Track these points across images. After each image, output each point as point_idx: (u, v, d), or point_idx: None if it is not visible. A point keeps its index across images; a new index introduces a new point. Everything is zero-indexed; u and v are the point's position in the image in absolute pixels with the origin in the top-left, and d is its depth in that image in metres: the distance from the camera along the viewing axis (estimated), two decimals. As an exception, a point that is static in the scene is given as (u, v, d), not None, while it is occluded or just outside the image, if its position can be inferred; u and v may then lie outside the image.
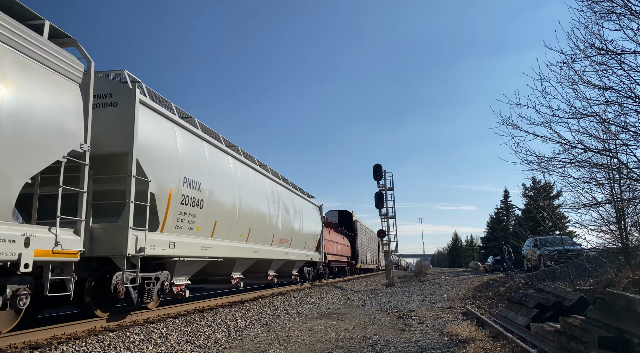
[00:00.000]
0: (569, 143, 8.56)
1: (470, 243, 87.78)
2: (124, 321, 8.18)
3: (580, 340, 5.51)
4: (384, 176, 26.52)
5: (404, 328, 8.83)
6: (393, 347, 6.83)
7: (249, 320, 9.75)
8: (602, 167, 8.90)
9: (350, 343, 7.25)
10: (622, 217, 9.51)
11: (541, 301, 8.26)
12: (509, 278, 16.86)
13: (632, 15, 7.31)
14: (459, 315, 10.64)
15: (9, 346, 5.90)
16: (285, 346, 7.11)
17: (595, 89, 8.08)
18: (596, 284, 9.56)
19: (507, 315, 9.18)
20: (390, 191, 27.01)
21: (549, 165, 9.02)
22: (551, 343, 6.26)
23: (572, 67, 8.13)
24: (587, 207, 9.60)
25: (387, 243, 27.01)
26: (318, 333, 8.33)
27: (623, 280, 8.26)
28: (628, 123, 8.20)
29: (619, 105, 7.97)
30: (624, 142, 8.29)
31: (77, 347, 6.02)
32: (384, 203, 26.42)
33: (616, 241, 9.88)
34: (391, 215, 26.94)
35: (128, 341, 6.70)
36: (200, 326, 8.44)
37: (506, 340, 6.70)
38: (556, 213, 18.72)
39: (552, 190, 32.54)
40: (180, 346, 6.92)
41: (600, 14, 7.66)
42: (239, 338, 7.85)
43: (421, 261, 58.13)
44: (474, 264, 53.25)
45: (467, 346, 6.52)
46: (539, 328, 7.08)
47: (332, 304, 14.30)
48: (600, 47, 7.70)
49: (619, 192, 9.25)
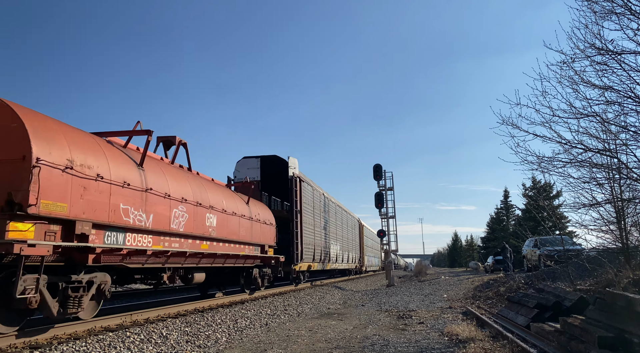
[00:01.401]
0: (569, 143, 8.56)
1: (470, 243, 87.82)
2: (124, 321, 8.19)
3: (580, 340, 5.51)
4: (384, 176, 26.53)
5: (404, 328, 8.83)
6: (393, 347, 6.84)
7: (249, 320, 9.76)
8: (602, 167, 8.90)
9: (350, 343, 7.25)
10: (622, 217, 9.51)
11: (541, 301, 8.26)
12: (509, 278, 16.85)
13: (632, 15, 7.31)
14: (459, 315, 10.64)
15: (9, 346, 5.90)
16: (285, 346, 7.11)
17: (595, 88, 8.08)
18: (596, 284, 9.55)
19: (507, 315, 9.18)
20: (390, 191, 27.04)
21: (549, 165, 9.02)
22: (551, 343, 6.26)
23: (572, 67, 8.13)
24: (587, 207, 9.60)
25: (387, 243, 27.04)
26: (318, 333, 8.33)
27: (623, 280, 8.26)
28: (628, 123, 8.20)
29: (619, 105, 7.97)
30: (624, 142, 8.29)
31: (77, 347, 6.02)
32: (384, 203, 26.43)
33: (616, 241, 9.87)
34: (391, 215, 26.95)
35: (128, 341, 6.70)
36: (200, 326, 8.45)
37: (506, 340, 6.70)
38: (556, 213, 18.67)
39: (552, 190, 32.57)
40: (180, 346, 6.92)
41: (600, 14, 7.66)
42: (239, 338, 7.85)
43: (421, 261, 58.12)
44: (474, 264, 53.27)
45: (467, 346, 6.52)
46: (539, 328, 7.08)
47: (332, 304, 14.30)
48: (600, 47, 7.70)
49: (619, 192, 9.25)
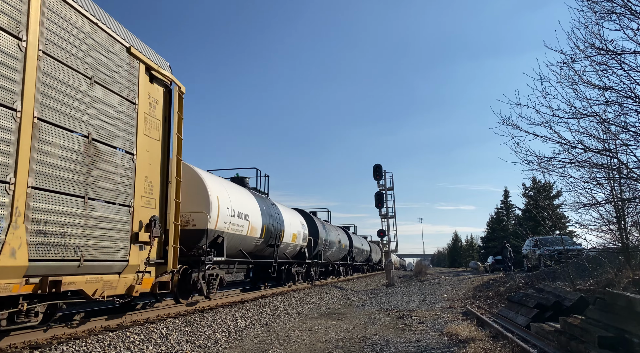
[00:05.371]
0: (569, 143, 8.56)
1: (470, 243, 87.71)
2: (124, 321, 8.18)
3: (580, 340, 5.51)
4: (384, 176, 26.55)
5: (404, 328, 8.84)
6: (393, 347, 6.84)
7: (249, 320, 9.75)
8: (602, 167, 8.90)
9: (350, 343, 7.25)
10: (622, 217, 9.51)
11: (541, 301, 8.26)
12: (509, 278, 16.85)
13: (632, 15, 7.31)
14: (459, 315, 10.64)
15: (9, 346, 5.90)
16: (285, 346, 7.11)
17: (595, 88, 8.08)
18: (596, 284, 9.56)
19: (507, 315, 9.18)
20: (390, 191, 27.05)
21: (549, 165, 9.01)
22: (551, 343, 6.26)
23: (572, 67, 8.13)
24: (587, 207, 9.59)
25: (387, 243, 27.05)
26: (318, 333, 8.33)
27: (623, 280, 8.27)
28: (628, 123, 8.19)
29: (619, 105, 7.97)
30: (624, 142, 8.28)
31: (77, 347, 6.02)
32: (384, 203, 26.43)
33: (616, 241, 9.87)
34: (391, 215, 26.96)
35: (128, 341, 6.69)
36: (200, 326, 8.44)
37: (506, 340, 6.70)
38: (556, 213, 18.69)
39: (552, 190, 32.61)
40: (180, 346, 6.92)
41: (600, 14, 7.66)
42: (239, 338, 7.85)
43: (421, 261, 58.06)
44: (474, 264, 53.22)
45: (467, 346, 6.53)
46: (539, 328, 7.08)
47: (332, 304, 14.30)
48: (600, 47, 7.70)
49: (619, 192, 9.25)
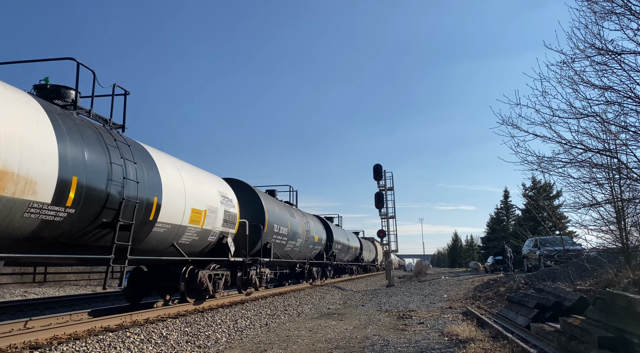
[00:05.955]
0: (569, 143, 8.56)
1: (470, 244, 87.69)
2: (124, 321, 8.18)
3: (580, 340, 5.51)
4: (384, 176, 26.52)
5: (404, 328, 8.83)
6: (393, 347, 6.84)
7: (249, 320, 9.75)
8: (602, 167, 8.89)
9: (350, 344, 7.25)
10: (622, 217, 9.50)
11: (541, 301, 8.26)
12: (509, 279, 16.85)
13: (632, 15, 7.31)
14: (459, 315, 10.64)
15: (9, 346, 5.90)
16: (285, 346, 7.11)
17: (595, 89, 8.08)
18: (596, 284, 9.56)
19: (507, 315, 9.18)
20: (390, 191, 27.03)
21: (549, 165, 9.01)
22: (551, 344, 6.26)
23: (572, 67, 8.13)
24: (587, 207, 9.59)
25: (387, 243, 27.04)
26: (318, 334, 8.33)
27: (623, 280, 8.26)
28: (628, 123, 8.20)
29: (619, 105, 7.97)
30: (624, 142, 8.28)
31: (77, 347, 6.02)
32: (384, 203, 26.41)
33: (616, 241, 9.86)
34: (391, 215, 26.94)
35: (128, 341, 6.69)
36: (200, 326, 8.44)
37: (506, 340, 6.70)
38: (556, 213, 18.65)
39: (552, 190, 32.58)
40: (180, 346, 6.92)
41: (600, 14, 7.66)
42: (239, 339, 7.85)
43: (421, 261, 58.06)
44: (474, 264, 53.22)
45: (467, 346, 6.53)
46: (539, 328, 7.08)
47: (332, 304, 14.30)
48: (600, 47, 7.70)
49: (619, 192, 9.24)
